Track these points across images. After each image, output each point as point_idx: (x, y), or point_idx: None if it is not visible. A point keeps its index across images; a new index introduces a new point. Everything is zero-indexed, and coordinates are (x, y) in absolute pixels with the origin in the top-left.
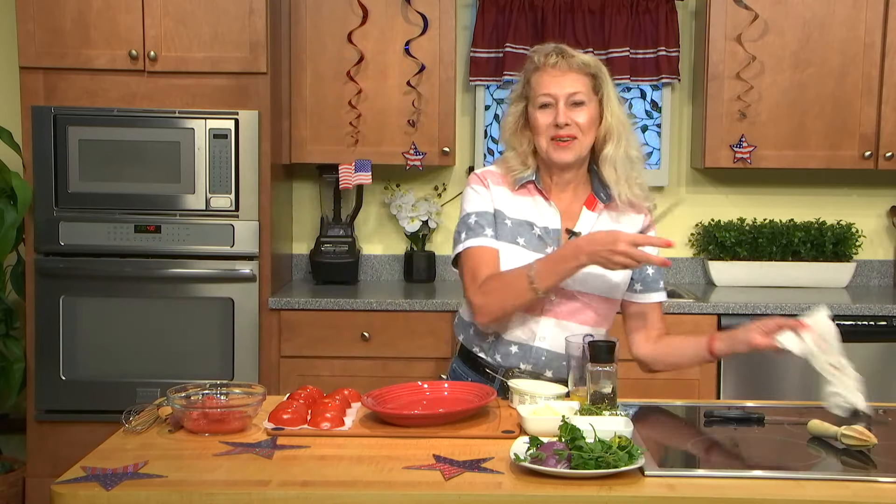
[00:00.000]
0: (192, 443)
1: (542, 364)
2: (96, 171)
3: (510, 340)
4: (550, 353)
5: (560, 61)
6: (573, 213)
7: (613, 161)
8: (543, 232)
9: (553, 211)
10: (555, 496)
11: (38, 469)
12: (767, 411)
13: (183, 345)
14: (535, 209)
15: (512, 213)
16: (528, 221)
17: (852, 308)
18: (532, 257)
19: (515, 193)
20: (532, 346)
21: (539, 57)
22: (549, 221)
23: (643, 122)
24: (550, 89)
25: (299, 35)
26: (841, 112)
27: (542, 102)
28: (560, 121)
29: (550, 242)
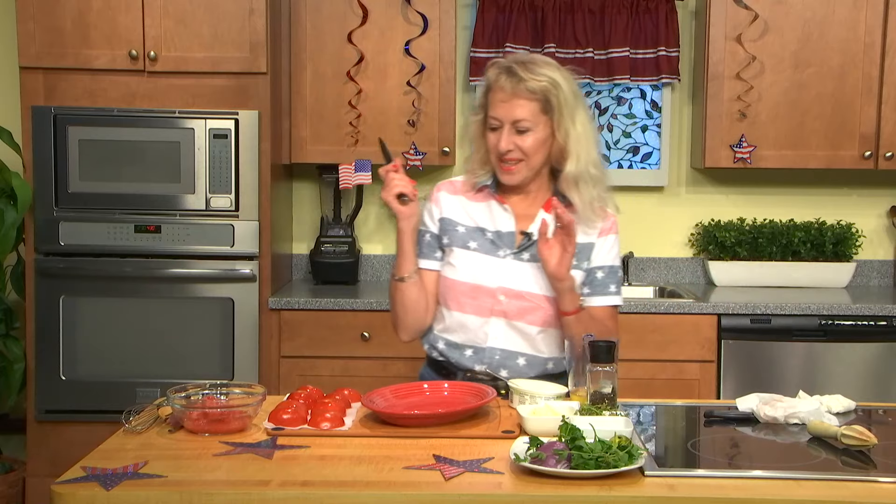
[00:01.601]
0: (192, 443)
1: (497, 364)
2: (96, 171)
3: (463, 344)
4: (504, 353)
5: (508, 85)
6: (531, 215)
7: (574, 178)
8: (496, 236)
9: (507, 215)
10: (555, 496)
11: (38, 469)
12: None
13: (183, 345)
14: (488, 214)
15: (464, 220)
16: (480, 227)
17: (852, 308)
18: (484, 261)
19: (473, 199)
20: (485, 348)
21: (492, 73)
22: (502, 225)
23: (643, 122)
24: (497, 113)
25: (299, 35)
26: (841, 112)
27: (491, 125)
28: (502, 148)
29: (503, 245)
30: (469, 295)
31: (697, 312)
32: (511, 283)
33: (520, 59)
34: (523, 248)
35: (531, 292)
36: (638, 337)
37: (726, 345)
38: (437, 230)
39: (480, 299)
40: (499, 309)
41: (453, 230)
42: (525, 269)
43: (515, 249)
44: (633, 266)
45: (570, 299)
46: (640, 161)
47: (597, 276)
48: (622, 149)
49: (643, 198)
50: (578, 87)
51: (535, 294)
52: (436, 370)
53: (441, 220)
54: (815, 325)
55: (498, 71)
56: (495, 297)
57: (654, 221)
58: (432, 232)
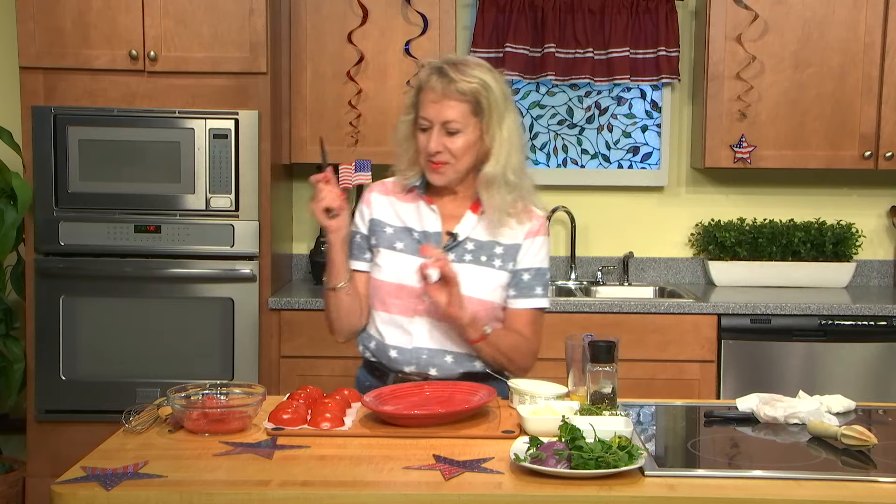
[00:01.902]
0: (192, 443)
1: (424, 363)
2: (96, 171)
3: (390, 345)
4: (431, 352)
5: (438, 85)
6: (458, 216)
7: (487, 180)
8: (422, 236)
9: (434, 215)
10: (555, 496)
11: (38, 469)
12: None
13: (183, 345)
14: (416, 214)
15: (393, 221)
16: (407, 227)
17: (852, 308)
18: (410, 261)
19: (403, 199)
20: (410, 348)
21: (424, 73)
22: (428, 225)
23: (643, 122)
24: (428, 113)
25: (299, 35)
26: (841, 112)
27: (421, 125)
28: (431, 149)
29: (430, 246)
30: (394, 295)
31: (697, 312)
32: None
33: (451, 60)
34: (449, 248)
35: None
36: (638, 337)
37: (726, 345)
38: (366, 231)
39: (405, 299)
40: (423, 308)
41: (381, 231)
42: None
43: (440, 250)
44: (633, 266)
45: (471, 331)
46: (640, 161)
47: (523, 278)
48: (622, 149)
49: (643, 198)
50: (509, 90)
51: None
52: (370, 371)
53: (371, 221)
54: (815, 325)
55: (429, 71)
56: (419, 297)
57: (654, 221)
58: (362, 233)
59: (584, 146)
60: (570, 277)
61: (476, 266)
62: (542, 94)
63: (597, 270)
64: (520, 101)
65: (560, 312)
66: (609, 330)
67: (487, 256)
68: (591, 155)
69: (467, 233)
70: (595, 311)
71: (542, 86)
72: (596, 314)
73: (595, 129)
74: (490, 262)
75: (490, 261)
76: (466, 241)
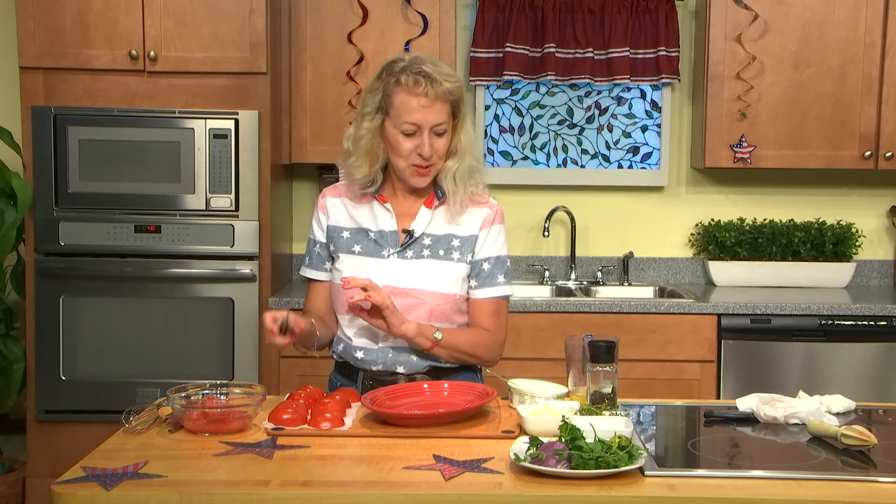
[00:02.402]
0: (192, 443)
1: (391, 361)
2: (96, 171)
3: (356, 346)
4: (396, 350)
5: (428, 88)
6: (413, 212)
7: (454, 173)
8: (378, 236)
9: (389, 214)
10: (555, 496)
11: (38, 469)
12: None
13: (183, 345)
14: (371, 215)
15: (349, 224)
16: (363, 228)
17: (852, 308)
18: (369, 262)
19: (355, 200)
20: (376, 348)
21: (405, 77)
22: (384, 225)
23: (643, 122)
24: (416, 119)
25: (299, 35)
26: (841, 112)
27: (407, 130)
28: (426, 153)
29: (386, 245)
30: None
31: (697, 312)
32: (395, 281)
33: (424, 60)
34: (406, 245)
35: (415, 288)
36: (638, 337)
37: (726, 345)
38: (324, 239)
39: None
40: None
41: (339, 237)
42: (409, 266)
43: (398, 248)
44: (633, 266)
45: (421, 340)
46: (640, 161)
47: (483, 268)
48: (622, 149)
49: (643, 198)
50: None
51: (420, 290)
52: (340, 372)
53: (328, 228)
54: (815, 325)
55: (408, 75)
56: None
57: (654, 221)
58: (321, 242)
59: (584, 146)
60: (570, 277)
61: (435, 260)
62: (542, 94)
63: (597, 270)
64: (520, 101)
65: (560, 312)
66: (609, 330)
67: (445, 250)
68: (591, 155)
69: (423, 228)
70: (595, 311)
71: (542, 86)
72: (596, 314)
73: (595, 129)
74: (448, 255)
75: (448, 254)
76: (423, 236)
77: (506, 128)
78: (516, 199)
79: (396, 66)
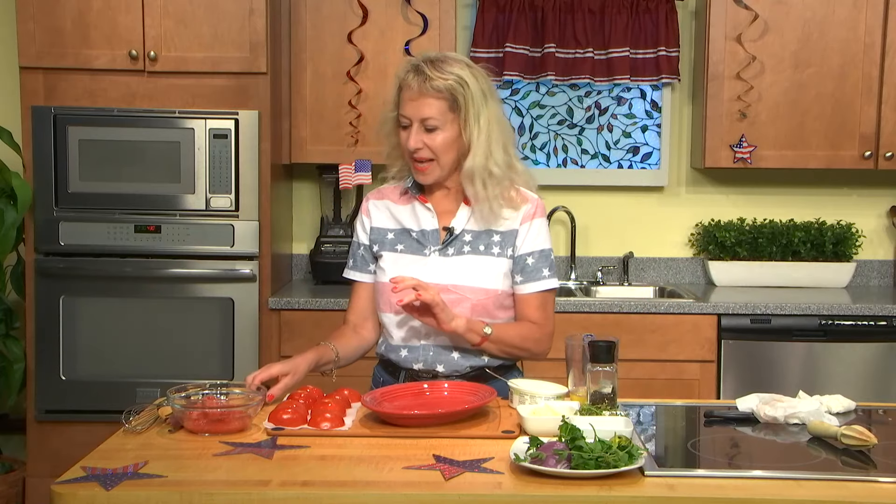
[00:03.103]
0: (192, 443)
1: (432, 360)
2: (96, 171)
3: (398, 345)
4: (437, 349)
5: (415, 83)
6: (452, 210)
7: (469, 174)
8: (420, 235)
9: (429, 213)
10: (555, 496)
11: (38, 469)
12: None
13: (183, 345)
14: (413, 214)
15: (393, 225)
16: (406, 229)
17: (852, 308)
18: (411, 260)
19: (398, 202)
20: (419, 346)
21: (402, 71)
22: (426, 224)
23: (643, 122)
24: (406, 111)
25: (299, 35)
26: (841, 112)
27: (402, 123)
28: (410, 145)
29: (428, 243)
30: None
31: (697, 312)
32: (436, 278)
33: (430, 58)
34: (447, 243)
35: (457, 285)
36: (638, 337)
37: (726, 345)
38: (368, 242)
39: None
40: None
41: (383, 238)
42: (450, 263)
43: (440, 246)
44: (633, 266)
45: (471, 336)
46: (640, 161)
47: (528, 262)
48: (622, 149)
49: (643, 198)
50: (490, 85)
51: (461, 286)
52: (384, 368)
53: (372, 230)
54: (815, 325)
55: (407, 69)
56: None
57: (654, 221)
58: (365, 245)
59: (584, 146)
60: (570, 277)
61: (476, 256)
62: (542, 94)
63: (597, 270)
64: (520, 101)
65: (560, 312)
66: (609, 330)
67: (485, 245)
68: (591, 155)
69: (462, 225)
70: (595, 311)
71: (542, 86)
72: (596, 314)
73: (595, 129)
74: (489, 250)
75: (489, 249)
76: (463, 233)
77: None
78: None
79: (406, 63)
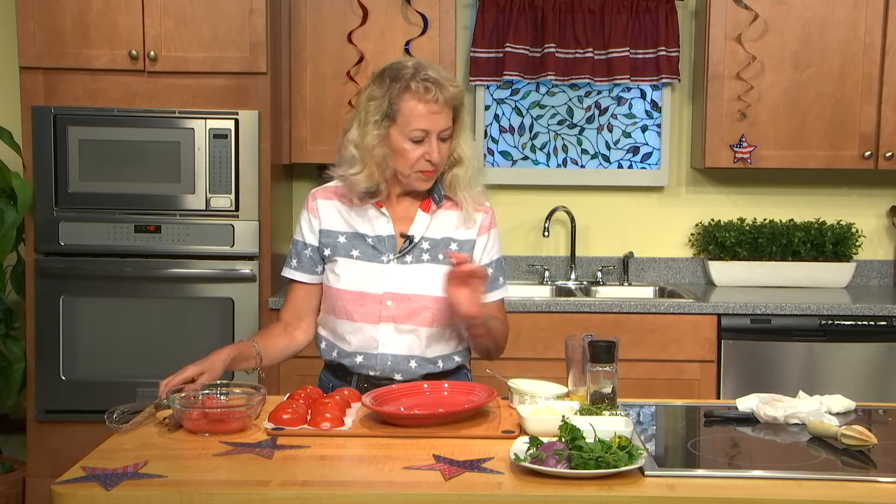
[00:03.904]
0: (192, 443)
1: (389, 368)
2: (96, 171)
3: (354, 351)
4: (395, 357)
5: (438, 94)
6: (409, 217)
7: (465, 182)
8: (376, 241)
9: (385, 219)
10: (555, 496)
11: (38, 469)
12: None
13: (183, 345)
14: (366, 219)
15: (343, 228)
16: (360, 233)
17: (852, 308)
18: (368, 267)
19: (348, 204)
20: (376, 354)
21: (415, 84)
22: (381, 230)
23: (643, 122)
24: (426, 125)
25: (299, 35)
26: (841, 112)
27: (416, 137)
28: (435, 159)
29: (385, 250)
30: (356, 303)
31: (697, 312)
32: (396, 287)
33: (427, 65)
34: (405, 251)
35: (417, 294)
36: (638, 337)
37: (726, 345)
38: (316, 242)
39: (368, 306)
40: (387, 314)
41: (335, 241)
42: (409, 271)
43: (398, 253)
44: (633, 266)
45: (481, 328)
46: (640, 161)
47: (487, 272)
48: (622, 149)
49: (643, 198)
50: None
51: (422, 295)
52: (333, 374)
53: (321, 232)
54: (815, 325)
55: (418, 82)
56: (382, 302)
57: (654, 221)
58: (313, 245)
59: (584, 146)
60: (570, 277)
61: (435, 265)
62: (542, 94)
63: (597, 270)
64: (520, 101)
65: (560, 312)
66: (609, 330)
67: (444, 254)
68: (591, 155)
69: (421, 233)
70: (595, 311)
71: (542, 86)
72: (596, 314)
73: (595, 129)
74: (448, 259)
75: (448, 258)
76: (421, 240)
77: (506, 128)
78: (516, 199)
79: (403, 73)
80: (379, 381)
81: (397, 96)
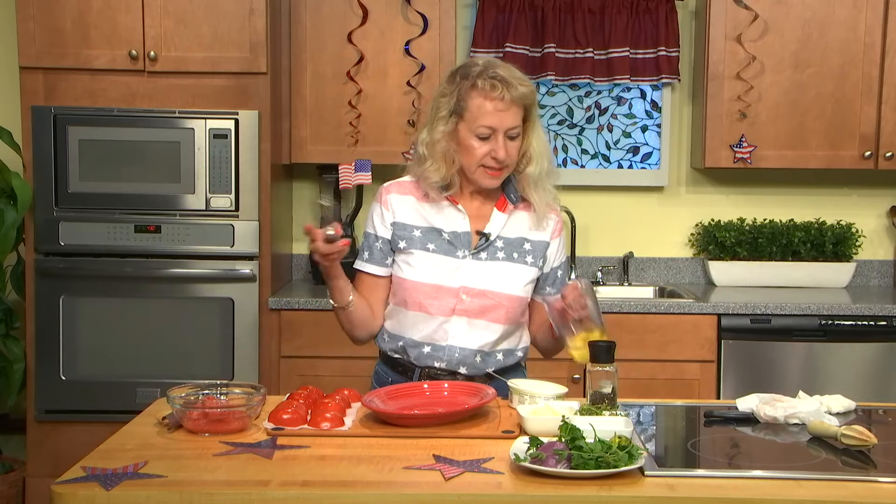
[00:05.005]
0: (192, 443)
1: (456, 361)
2: (96, 171)
3: (421, 342)
4: (463, 351)
5: (504, 92)
6: (484, 215)
7: (535, 180)
8: (452, 236)
9: (461, 215)
10: (555, 496)
11: (38, 469)
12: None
13: (183, 345)
14: (441, 215)
15: (419, 222)
16: (435, 228)
17: (852, 308)
18: (444, 261)
19: (423, 200)
20: (444, 346)
21: (482, 82)
22: (457, 226)
23: (643, 122)
24: (492, 122)
25: (299, 35)
26: (841, 112)
27: (483, 134)
28: (501, 157)
29: (460, 246)
30: (431, 295)
31: (697, 312)
32: (471, 282)
33: (497, 64)
34: (480, 248)
35: (492, 290)
36: (638, 337)
37: (726, 345)
38: (388, 235)
39: (442, 299)
40: (461, 308)
41: (410, 234)
42: (484, 267)
43: (473, 250)
44: (633, 266)
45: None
46: (640, 161)
47: (558, 274)
48: (622, 149)
49: (643, 198)
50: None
51: (496, 292)
52: (391, 367)
53: (394, 225)
54: (815, 325)
55: (485, 79)
56: (458, 296)
57: (654, 221)
58: (384, 238)
59: (584, 146)
60: (570, 277)
61: (510, 263)
62: (542, 94)
63: (597, 270)
64: None
65: None
66: (609, 330)
67: (518, 253)
68: (591, 155)
69: (497, 231)
70: None
71: (542, 86)
72: None
73: (595, 129)
74: (522, 258)
75: (522, 257)
76: (497, 239)
77: None
78: None
79: (472, 71)
80: (443, 374)
81: (465, 93)
